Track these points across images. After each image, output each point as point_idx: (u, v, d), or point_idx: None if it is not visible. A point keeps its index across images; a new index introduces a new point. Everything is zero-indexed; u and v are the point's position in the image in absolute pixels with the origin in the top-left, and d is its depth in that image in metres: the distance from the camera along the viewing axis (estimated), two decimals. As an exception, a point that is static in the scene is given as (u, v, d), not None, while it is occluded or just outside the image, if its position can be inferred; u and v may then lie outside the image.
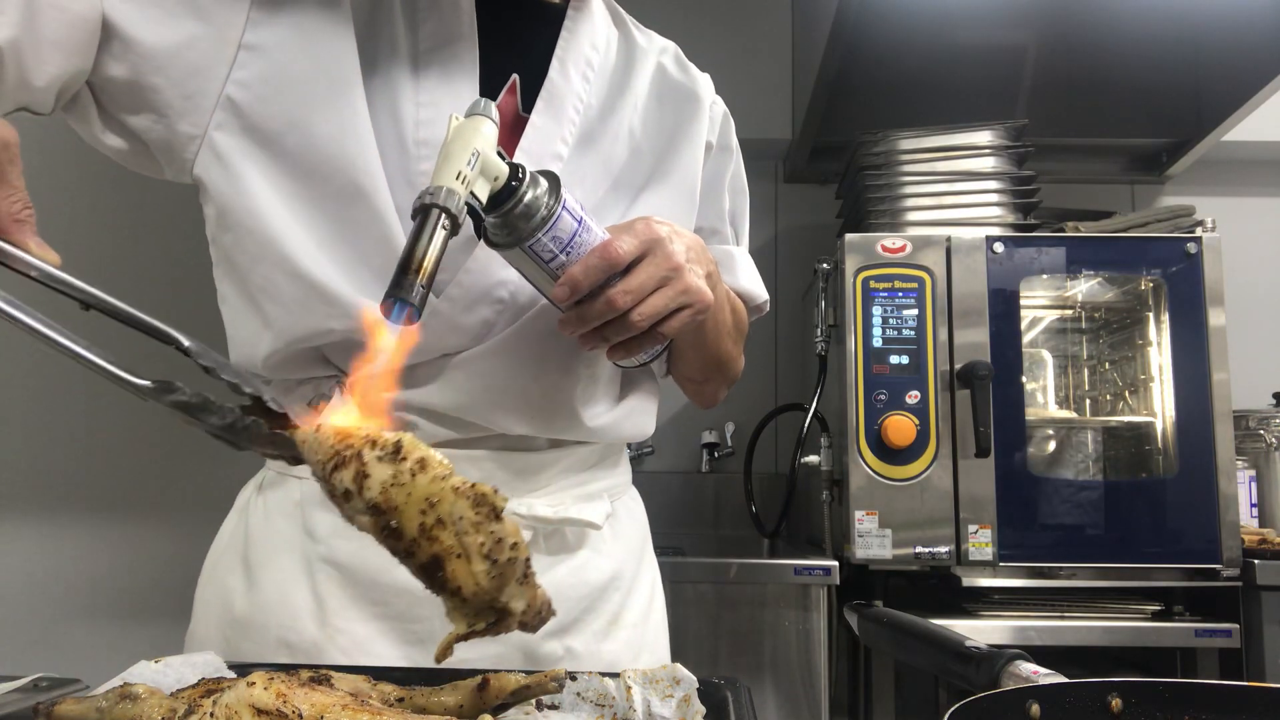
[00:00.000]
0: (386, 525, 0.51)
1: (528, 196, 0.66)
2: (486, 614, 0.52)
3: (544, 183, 0.67)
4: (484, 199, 0.65)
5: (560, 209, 0.67)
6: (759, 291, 0.98)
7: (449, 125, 0.65)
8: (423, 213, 0.61)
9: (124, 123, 0.77)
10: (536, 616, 0.53)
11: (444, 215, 0.60)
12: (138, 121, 0.77)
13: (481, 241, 0.73)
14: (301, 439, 0.53)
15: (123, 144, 0.78)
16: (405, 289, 0.58)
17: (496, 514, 0.50)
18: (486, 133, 0.64)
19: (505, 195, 0.66)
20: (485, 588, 0.50)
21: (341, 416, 0.53)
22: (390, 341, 0.59)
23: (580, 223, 0.69)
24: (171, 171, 0.79)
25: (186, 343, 0.52)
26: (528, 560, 0.51)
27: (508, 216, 0.67)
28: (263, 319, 0.79)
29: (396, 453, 0.51)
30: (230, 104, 0.76)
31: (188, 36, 0.75)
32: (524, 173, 0.66)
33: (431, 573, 0.51)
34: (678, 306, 0.74)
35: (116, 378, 0.48)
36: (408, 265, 0.59)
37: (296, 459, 0.54)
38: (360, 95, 0.77)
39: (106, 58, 0.74)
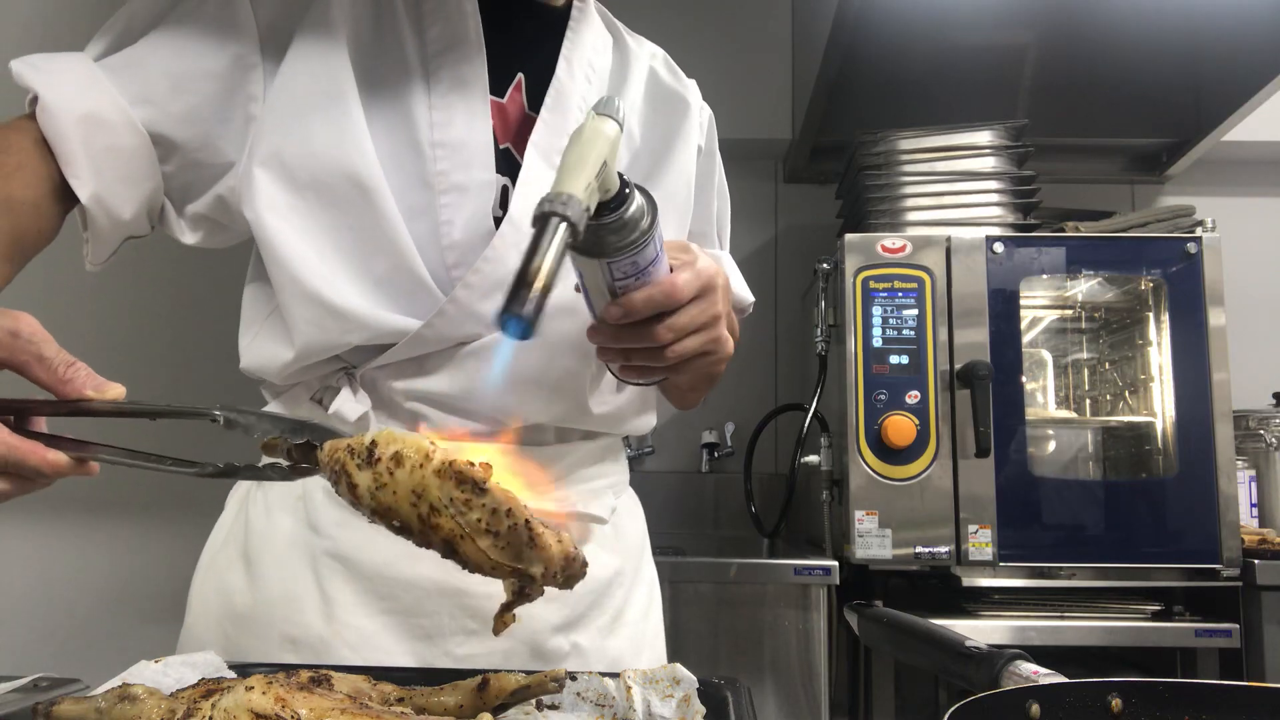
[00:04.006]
0: (392, 525, 0.51)
1: (628, 213, 0.63)
2: (516, 581, 0.52)
3: (643, 203, 0.65)
4: (593, 208, 0.60)
5: (654, 235, 0.65)
6: (746, 295, 1.00)
7: (583, 122, 0.61)
8: (542, 221, 0.56)
9: (196, 214, 0.83)
10: (562, 573, 0.52)
11: (566, 226, 0.56)
12: (198, 207, 0.82)
13: (500, 230, 0.73)
14: (321, 462, 0.54)
15: (200, 233, 0.84)
16: (518, 303, 0.54)
17: (480, 487, 0.50)
18: (614, 138, 0.61)
19: (608, 208, 0.63)
20: (500, 560, 0.50)
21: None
22: (506, 357, 0.59)
23: (659, 252, 0.67)
24: (240, 230, 0.83)
25: (220, 416, 0.57)
26: (529, 523, 0.50)
27: (603, 229, 0.64)
28: (286, 337, 0.80)
29: (371, 455, 0.51)
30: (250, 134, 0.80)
31: (208, 101, 0.79)
32: (631, 189, 0.64)
33: (453, 558, 0.51)
34: (705, 352, 0.74)
35: (186, 472, 0.57)
36: (523, 278, 0.55)
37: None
38: (356, 102, 0.78)
39: (162, 166, 0.80)
